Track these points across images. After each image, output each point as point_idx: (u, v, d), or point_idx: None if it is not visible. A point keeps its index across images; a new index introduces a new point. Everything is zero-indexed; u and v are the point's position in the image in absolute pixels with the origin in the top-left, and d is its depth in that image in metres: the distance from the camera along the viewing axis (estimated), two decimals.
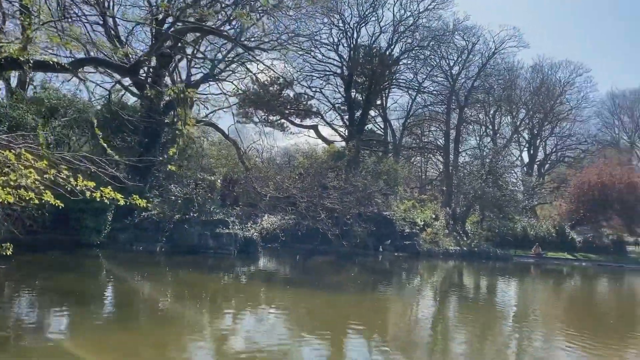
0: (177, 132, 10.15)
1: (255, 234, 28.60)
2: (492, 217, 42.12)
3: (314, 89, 45.78)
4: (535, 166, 62.87)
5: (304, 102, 46.28)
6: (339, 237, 29.53)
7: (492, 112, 60.60)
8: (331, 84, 46.47)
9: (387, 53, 45.01)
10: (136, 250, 24.76)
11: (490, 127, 61.80)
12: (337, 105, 47.84)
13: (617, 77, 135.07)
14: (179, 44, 24.06)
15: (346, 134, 45.69)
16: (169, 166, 17.44)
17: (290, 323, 13.97)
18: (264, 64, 30.46)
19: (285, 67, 42.37)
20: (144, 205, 7.90)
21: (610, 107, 65.78)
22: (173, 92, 7.69)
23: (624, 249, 46.94)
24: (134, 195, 7.91)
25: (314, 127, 47.06)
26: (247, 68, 33.16)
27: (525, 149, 64.16)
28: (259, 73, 33.91)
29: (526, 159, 63.41)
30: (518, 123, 62.12)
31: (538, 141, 63.29)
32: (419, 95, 51.02)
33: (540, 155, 64.29)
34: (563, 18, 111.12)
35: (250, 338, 11.81)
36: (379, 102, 50.75)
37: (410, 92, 50.37)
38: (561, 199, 50.11)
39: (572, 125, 62.38)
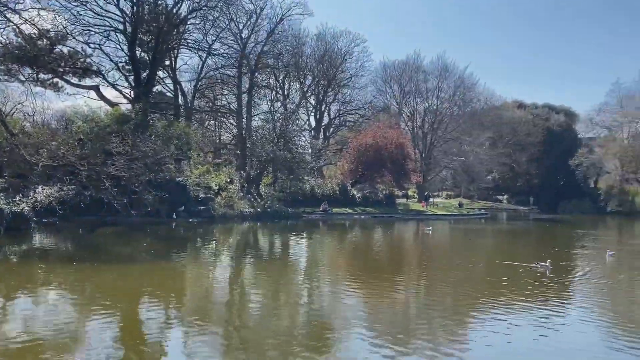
0: None
1: (26, 208, 25.20)
2: (284, 178, 44.04)
3: (92, 46, 41.32)
4: (322, 130, 67.20)
5: (82, 60, 41.54)
6: (128, 206, 27.73)
7: (281, 77, 62.55)
8: (113, 41, 42.44)
9: (174, 11, 42.75)
10: None
11: (281, 92, 63.86)
12: (120, 64, 44.04)
13: (388, 48, 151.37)
14: None
15: (132, 95, 42.52)
16: None
17: (77, 301, 12.68)
18: (24, 18, 26.45)
19: (55, 18, 37.43)
20: None
21: (382, 76, 73.08)
22: None
23: (394, 202, 53.72)
24: None
25: (95, 88, 42.74)
26: (6, 17, 28.39)
27: (312, 113, 68.12)
28: (22, 24, 29.33)
29: (313, 123, 67.39)
30: (305, 89, 65.34)
31: (323, 106, 67.58)
32: (210, 57, 49.95)
33: (326, 119, 68.90)
34: None
35: (29, 323, 10.37)
36: (167, 62, 48.29)
37: (200, 53, 48.96)
38: (343, 160, 54.67)
39: (352, 92, 68.06)
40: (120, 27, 40.53)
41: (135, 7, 40.01)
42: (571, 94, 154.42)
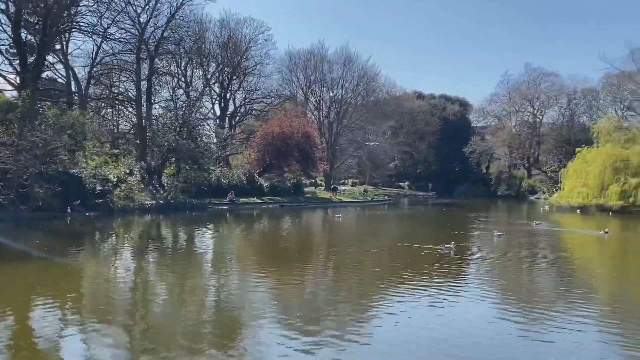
0: None
1: None
2: (188, 168, 42.79)
3: None
4: (227, 118, 66.03)
5: None
6: (15, 201, 25.54)
7: (183, 64, 60.60)
8: None
9: None
10: None
11: (183, 79, 61.85)
12: (3, 47, 40.23)
13: (293, 36, 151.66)
14: None
15: (18, 82, 39.06)
16: None
17: None
18: None
19: None
20: None
21: (288, 65, 73.15)
22: None
23: (302, 190, 54.27)
24: None
25: None
26: None
27: (217, 101, 66.66)
28: None
29: (218, 112, 66.06)
30: (209, 76, 63.77)
31: (228, 94, 66.38)
32: (105, 42, 46.96)
33: (231, 108, 67.75)
34: None
35: None
36: (58, 46, 44.88)
37: (94, 37, 45.89)
38: (250, 149, 54.20)
39: (258, 80, 67.38)
40: (2, 6, 37.03)
41: None
42: (465, 85, 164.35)
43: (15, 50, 38.75)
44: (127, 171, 38.90)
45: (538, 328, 10.14)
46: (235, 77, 65.27)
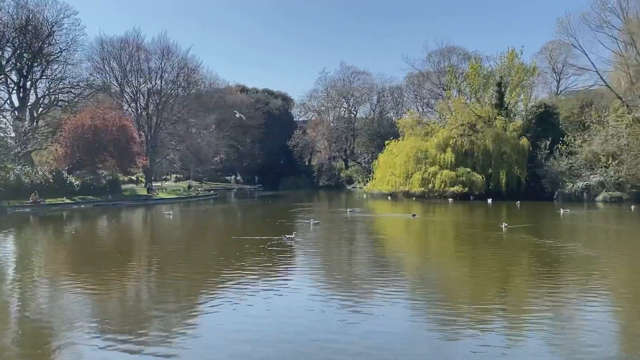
0: None
1: None
2: None
3: None
4: (28, 110, 58.64)
5: None
6: None
7: None
8: None
9: None
10: None
11: None
12: None
13: (105, 23, 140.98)
14: None
15: None
16: None
17: None
18: None
19: None
20: None
21: (100, 53, 67.54)
22: None
23: (120, 187, 50.78)
24: None
25: None
26: None
27: (15, 91, 58.72)
28: None
29: (16, 103, 58.26)
30: (4, 62, 55.88)
31: (29, 83, 58.93)
32: None
33: (33, 98, 60.24)
34: None
35: None
36: None
37: None
38: (57, 144, 49.06)
39: (64, 68, 60.77)
40: None
41: None
42: (288, 80, 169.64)
43: None
44: None
45: (358, 304, 10.88)
46: (36, 64, 58.20)
